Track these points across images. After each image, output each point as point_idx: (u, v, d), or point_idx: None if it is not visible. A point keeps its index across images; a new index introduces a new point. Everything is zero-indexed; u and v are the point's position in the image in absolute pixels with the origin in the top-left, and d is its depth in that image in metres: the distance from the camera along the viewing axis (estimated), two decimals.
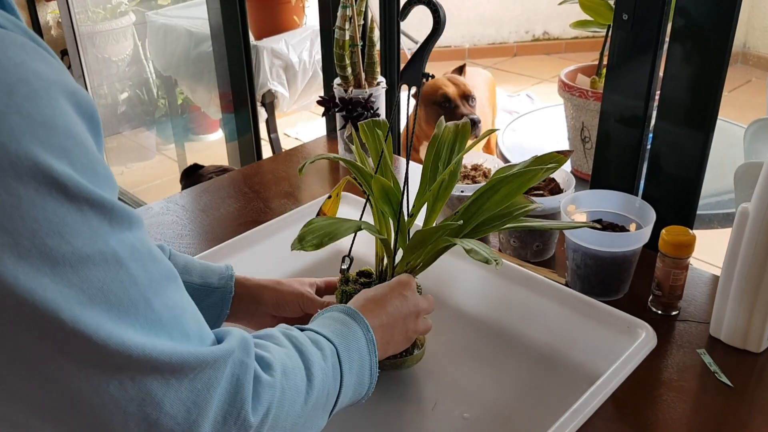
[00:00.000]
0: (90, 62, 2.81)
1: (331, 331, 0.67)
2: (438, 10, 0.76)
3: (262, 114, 2.38)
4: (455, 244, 0.79)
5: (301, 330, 0.66)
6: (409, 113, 0.87)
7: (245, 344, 0.54)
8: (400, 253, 0.87)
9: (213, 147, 3.14)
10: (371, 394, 0.71)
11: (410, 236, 0.88)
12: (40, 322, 0.42)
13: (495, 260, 0.71)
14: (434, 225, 0.86)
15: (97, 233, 0.44)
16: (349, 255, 0.91)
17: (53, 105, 0.44)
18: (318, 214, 0.91)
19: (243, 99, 1.89)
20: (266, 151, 2.35)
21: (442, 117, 0.97)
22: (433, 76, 0.82)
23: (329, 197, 0.91)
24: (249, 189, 1.40)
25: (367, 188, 0.86)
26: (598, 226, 0.91)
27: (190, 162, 2.98)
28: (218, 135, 3.15)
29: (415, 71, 0.79)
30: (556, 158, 0.85)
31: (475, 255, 0.73)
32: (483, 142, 2.03)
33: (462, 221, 0.82)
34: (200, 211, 1.33)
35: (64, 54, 3.27)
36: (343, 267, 0.90)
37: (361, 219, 0.90)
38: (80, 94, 0.47)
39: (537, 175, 0.81)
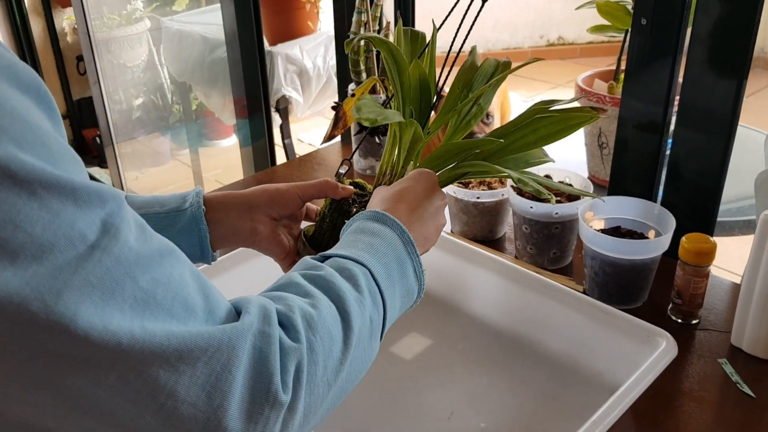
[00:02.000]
0: (105, 68, 2.82)
1: (360, 248, 0.60)
2: None
3: (276, 119, 2.37)
4: (472, 171, 0.75)
5: (326, 259, 0.59)
6: None
7: (266, 313, 0.48)
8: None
9: (227, 152, 3.15)
10: (423, 296, 0.65)
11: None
12: (10, 320, 0.38)
13: (548, 194, 0.67)
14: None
15: (59, 216, 0.39)
16: (350, 158, 0.84)
17: None
18: (337, 109, 0.85)
19: (257, 105, 1.89)
20: (280, 157, 2.35)
21: (474, 47, 0.92)
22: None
23: (353, 95, 0.86)
24: None
25: (395, 81, 0.79)
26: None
27: (204, 167, 3.00)
28: (232, 140, 3.16)
29: None
30: (590, 112, 0.77)
31: (524, 186, 0.68)
32: None
33: (503, 140, 0.76)
34: None
35: (79, 60, 3.30)
36: (340, 171, 0.83)
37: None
38: (18, 67, 0.42)
39: (585, 119, 0.74)
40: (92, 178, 3.24)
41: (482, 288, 1.03)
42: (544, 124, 0.76)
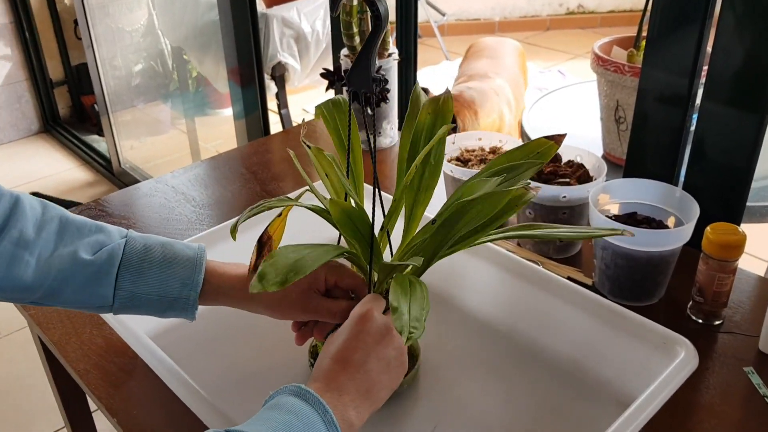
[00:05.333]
0: (103, 32, 2.71)
1: (272, 427, 0.55)
2: (375, 3, 0.64)
3: (272, 88, 2.25)
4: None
5: None
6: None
7: None
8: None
9: (229, 122, 3.03)
10: None
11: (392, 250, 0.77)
12: None
13: (410, 334, 0.58)
14: (414, 236, 0.74)
15: None
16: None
17: None
18: (261, 238, 0.75)
19: (251, 71, 1.77)
20: (277, 128, 2.24)
21: (416, 85, 0.83)
22: (386, 80, 0.70)
23: (280, 215, 0.77)
24: (246, 170, 1.29)
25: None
26: (630, 233, 0.72)
27: (205, 137, 2.88)
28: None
29: (363, 75, 0.67)
30: (543, 146, 0.71)
31: (396, 319, 0.60)
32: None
33: (422, 259, 0.70)
34: (191, 193, 1.22)
35: (77, 23, 3.19)
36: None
37: (339, 242, 0.78)
38: None
39: (504, 197, 0.65)
40: (90, 147, 3.13)
41: (477, 281, 0.91)
42: (474, 206, 0.67)
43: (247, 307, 0.75)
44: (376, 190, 0.74)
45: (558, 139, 0.71)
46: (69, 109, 3.43)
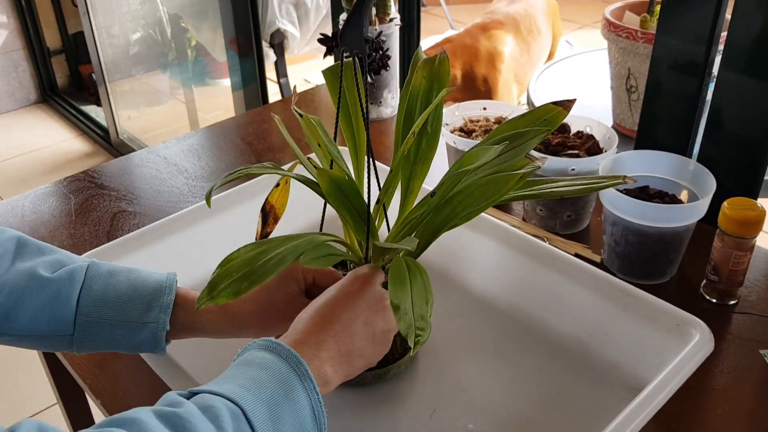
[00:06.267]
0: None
1: (239, 384, 0.50)
2: None
3: (271, 56, 2.19)
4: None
5: (193, 394, 0.50)
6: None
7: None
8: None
9: (227, 93, 2.98)
10: None
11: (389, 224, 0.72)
12: None
13: (416, 338, 0.52)
14: (409, 213, 0.69)
15: None
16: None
17: None
18: (263, 207, 0.72)
19: (249, 40, 1.72)
20: (276, 99, 2.18)
21: (419, 49, 0.78)
22: (379, 43, 0.65)
23: (277, 185, 0.72)
24: (242, 140, 1.24)
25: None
26: (632, 179, 0.67)
27: (205, 107, 2.83)
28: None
29: (355, 35, 0.62)
30: (551, 113, 0.66)
31: (400, 319, 0.53)
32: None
33: (417, 238, 0.65)
34: (183, 165, 1.17)
35: None
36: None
37: (321, 229, 0.73)
38: None
39: (511, 181, 0.60)
40: (88, 117, 3.08)
41: (480, 257, 0.87)
42: (474, 188, 0.62)
43: (229, 333, 0.67)
44: (370, 159, 0.70)
45: (567, 104, 0.66)
46: (67, 78, 3.38)
